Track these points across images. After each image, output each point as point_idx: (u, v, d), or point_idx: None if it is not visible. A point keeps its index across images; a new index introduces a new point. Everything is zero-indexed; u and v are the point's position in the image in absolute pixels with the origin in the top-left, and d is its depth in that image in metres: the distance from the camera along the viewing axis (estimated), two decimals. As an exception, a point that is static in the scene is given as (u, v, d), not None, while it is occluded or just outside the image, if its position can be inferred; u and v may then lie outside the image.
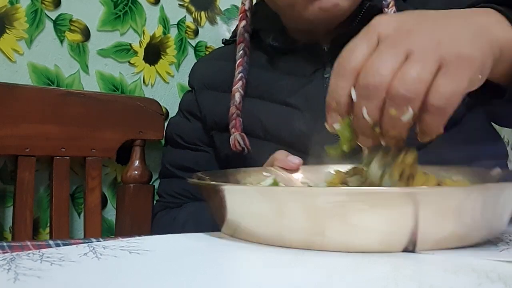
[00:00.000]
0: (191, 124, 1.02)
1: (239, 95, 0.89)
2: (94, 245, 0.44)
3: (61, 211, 1.05)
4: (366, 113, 0.46)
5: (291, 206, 0.44)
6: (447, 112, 0.45)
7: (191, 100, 1.03)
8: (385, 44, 0.47)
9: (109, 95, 1.13)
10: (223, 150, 0.95)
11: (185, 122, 1.03)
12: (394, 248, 0.44)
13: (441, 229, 0.44)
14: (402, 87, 0.44)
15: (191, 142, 1.01)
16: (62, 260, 0.39)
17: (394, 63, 0.45)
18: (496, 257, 0.42)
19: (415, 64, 0.45)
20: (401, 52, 0.46)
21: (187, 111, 1.03)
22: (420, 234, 0.43)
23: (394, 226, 0.43)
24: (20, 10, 1.06)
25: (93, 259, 0.40)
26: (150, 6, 1.22)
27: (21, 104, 1.01)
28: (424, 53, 0.45)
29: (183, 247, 0.46)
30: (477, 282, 0.35)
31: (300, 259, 0.42)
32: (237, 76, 0.91)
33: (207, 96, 0.99)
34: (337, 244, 0.44)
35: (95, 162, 1.09)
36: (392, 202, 0.42)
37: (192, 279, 0.36)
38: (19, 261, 0.38)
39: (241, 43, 0.94)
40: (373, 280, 0.36)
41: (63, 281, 0.35)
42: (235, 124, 0.88)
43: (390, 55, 0.46)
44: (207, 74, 1.02)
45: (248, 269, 0.40)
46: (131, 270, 0.38)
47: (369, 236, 0.44)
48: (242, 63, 0.92)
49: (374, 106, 0.46)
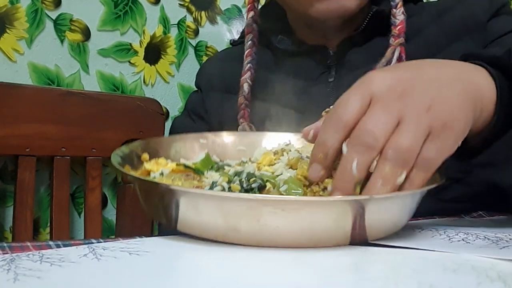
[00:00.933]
0: (195, 125, 1.01)
1: (247, 85, 0.89)
2: (94, 246, 0.44)
3: (61, 211, 1.05)
4: (355, 167, 0.47)
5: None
6: (430, 173, 0.48)
7: (197, 101, 1.02)
8: (379, 106, 0.48)
9: (109, 95, 1.13)
10: None
11: (189, 122, 1.02)
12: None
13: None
14: (396, 155, 0.47)
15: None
16: (62, 261, 0.39)
17: (388, 126, 0.47)
18: (495, 255, 0.42)
19: (407, 134, 0.47)
20: (394, 116, 0.48)
21: (192, 111, 1.02)
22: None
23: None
24: (21, 10, 1.06)
25: (93, 260, 0.40)
26: (150, 6, 1.22)
27: (21, 104, 1.01)
28: (416, 121, 0.47)
29: (183, 248, 0.46)
30: (477, 281, 0.35)
31: (300, 259, 0.42)
32: (245, 66, 0.90)
33: (214, 97, 0.98)
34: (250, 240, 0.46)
35: (96, 162, 1.09)
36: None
37: (192, 280, 0.36)
38: (19, 262, 0.38)
39: (250, 33, 0.93)
40: (373, 279, 0.36)
41: (62, 281, 0.35)
42: (243, 114, 0.88)
43: (384, 117, 0.47)
44: (214, 75, 1.01)
45: (249, 269, 0.40)
46: (130, 271, 0.38)
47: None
48: (251, 53, 0.91)
49: (365, 161, 0.47)
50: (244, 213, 0.45)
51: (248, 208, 0.44)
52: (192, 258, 0.44)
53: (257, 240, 0.45)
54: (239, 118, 0.88)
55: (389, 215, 0.49)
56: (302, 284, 0.35)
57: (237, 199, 0.46)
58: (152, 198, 0.52)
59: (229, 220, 0.45)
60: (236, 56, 0.97)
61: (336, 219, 0.46)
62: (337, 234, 0.46)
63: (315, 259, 0.42)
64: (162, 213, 0.50)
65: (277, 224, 0.44)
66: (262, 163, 0.58)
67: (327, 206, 0.46)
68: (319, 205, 0.46)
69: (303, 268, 0.39)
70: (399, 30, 0.82)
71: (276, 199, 0.46)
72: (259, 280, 0.36)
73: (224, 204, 0.45)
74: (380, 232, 0.49)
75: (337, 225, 0.46)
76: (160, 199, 0.49)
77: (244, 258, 0.43)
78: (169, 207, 0.48)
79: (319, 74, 0.88)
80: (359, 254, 0.43)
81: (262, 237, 0.45)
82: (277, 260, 0.42)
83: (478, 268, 0.38)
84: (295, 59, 0.91)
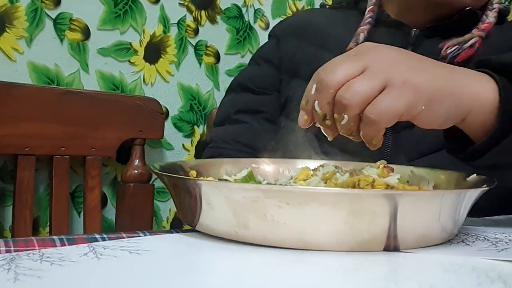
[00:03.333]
0: (262, 69, 1.02)
1: (363, 36, 0.89)
2: (94, 245, 0.44)
3: (61, 210, 1.05)
4: (317, 105, 0.52)
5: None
6: (380, 126, 0.50)
7: (268, 48, 1.04)
8: (351, 56, 0.53)
9: (109, 94, 1.13)
10: (286, 93, 0.96)
11: (257, 68, 1.04)
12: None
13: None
14: (343, 94, 0.50)
15: (259, 86, 1.01)
16: (62, 260, 0.39)
17: (349, 71, 0.51)
18: (495, 256, 0.42)
19: (362, 78, 0.50)
20: (359, 65, 0.51)
21: (261, 58, 1.04)
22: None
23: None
24: (20, 9, 1.06)
25: (93, 259, 0.39)
26: (150, 5, 1.22)
27: (21, 103, 1.01)
28: (377, 71, 0.50)
29: (184, 246, 0.46)
30: (477, 281, 0.35)
31: (300, 259, 0.42)
32: (365, 19, 0.91)
33: (290, 42, 1.00)
34: (260, 238, 0.45)
35: (95, 161, 1.09)
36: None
37: (192, 279, 0.36)
38: (19, 261, 0.38)
39: None
40: (373, 280, 0.36)
41: (63, 281, 0.35)
42: None
43: (350, 64, 0.51)
44: (294, 23, 1.04)
45: (249, 269, 0.40)
46: (131, 270, 0.38)
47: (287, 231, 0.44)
48: (373, 9, 0.93)
49: (322, 100, 0.52)
50: (251, 206, 0.44)
51: (254, 201, 0.44)
52: (192, 257, 0.44)
53: (269, 239, 0.45)
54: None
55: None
56: (302, 284, 0.35)
57: (241, 188, 0.46)
58: (177, 195, 0.52)
59: (238, 215, 0.45)
60: (325, 13, 1.01)
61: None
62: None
63: (316, 259, 0.42)
64: (188, 209, 0.50)
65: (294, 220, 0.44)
66: (298, 178, 0.57)
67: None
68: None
69: (303, 268, 0.39)
70: (485, 26, 0.84)
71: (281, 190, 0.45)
72: (259, 280, 0.36)
73: (230, 194, 0.45)
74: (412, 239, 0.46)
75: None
76: (183, 194, 0.50)
77: (245, 258, 0.43)
78: (189, 201, 0.48)
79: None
80: (360, 255, 0.43)
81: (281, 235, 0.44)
82: (277, 260, 0.42)
83: (479, 268, 0.38)
84: (378, 30, 0.91)
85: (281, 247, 0.44)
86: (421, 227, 0.45)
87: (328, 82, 0.51)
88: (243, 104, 1.00)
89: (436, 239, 0.47)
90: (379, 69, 0.50)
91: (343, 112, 0.50)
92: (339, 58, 0.54)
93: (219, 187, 0.46)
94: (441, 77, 0.53)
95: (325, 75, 0.51)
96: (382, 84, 0.50)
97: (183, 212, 0.52)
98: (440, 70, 0.54)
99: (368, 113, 0.49)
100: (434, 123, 0.53)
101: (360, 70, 0.51)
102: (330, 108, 0.51)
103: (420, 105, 0.50)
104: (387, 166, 0.54)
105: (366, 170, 0.54)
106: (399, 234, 0.44)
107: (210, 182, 0.47)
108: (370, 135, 0.51)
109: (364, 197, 0.43)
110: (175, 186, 0.52)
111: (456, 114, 0.54)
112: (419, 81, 0.50)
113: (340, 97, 0.50)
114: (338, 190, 0.47)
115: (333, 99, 0.51)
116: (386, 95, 0.49)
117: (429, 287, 0.33)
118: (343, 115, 0.50)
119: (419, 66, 0.53)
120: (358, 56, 0.53)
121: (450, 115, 0.54)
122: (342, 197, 0.43)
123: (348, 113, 0.50)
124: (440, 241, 0.48)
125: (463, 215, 0.50)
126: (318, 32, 0.96)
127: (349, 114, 0.50)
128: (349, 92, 0.49)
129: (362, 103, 0.49)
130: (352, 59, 0.52)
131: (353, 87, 0.49)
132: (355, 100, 0.49)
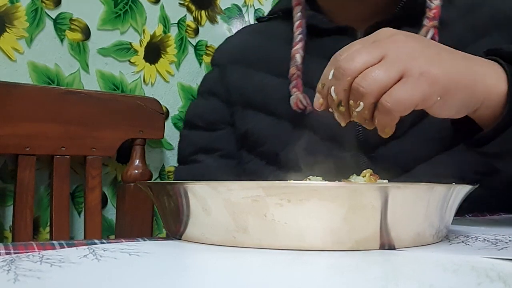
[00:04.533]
0: (211, 104, 0.98)
1: (300, 56, 0.87)
2: (94, 247, 0.44)
3: (61, 210, 1.05)
4: (333, 91, 0.53)
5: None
6: (394, 115, 0.50)
7: (213, 79, 1.00)
8: (371, 44, 0.53)
9: (109, 94, 1.13)
10: (243, 127, 0.92)
11: (204, 102, 1.00)
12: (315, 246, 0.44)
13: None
14: (360, 82, 0.50)
15: (211, 122, 0.98)
16: (62, 261, 0.39)
17: (367, 59, 0.51)
18: (495, 255, 0.42)
19: (380, 67, 0.50)
20: (377, 53, 0.51)
21: (207, 91, 1.00)
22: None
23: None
24: (20, 9, 1.06)
25: (93, 260, 0.40)
26: (150, 5, 1.22)
27: (21, 103, 1.01)
28: (394, 61, 0.51)
29: (184, 249, 0.46)
30: (477, 281, 0.35)
31: (300, 259, 0.42)
32: (296, 38, 0.88)
33: (235, 71, 0.96)
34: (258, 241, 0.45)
35: (95, 161, 1.09)
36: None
37: (193, 280, 0.36)
38: (19, 263, 0.38)
39: (298, 5, 0.91)
40: (373, 280, 0.36)
41: (62, 282, 0.35)
42: (296, 84, 0.85)
43: (368, 52, 0.52)
44: (235, 49, 0.99)
45: (248, 270, 0.40)
46: (131, 272, 0.38)
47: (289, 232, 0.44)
48: (301, 24, 0.89)
49: (339, 86, 0.52)
50: (251, 207, 0.43)
51: (254, 200, 0.43)
52: (192, 259, 0.44)
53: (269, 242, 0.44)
54: (291, 88, 0.85)
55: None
56: (302, 284, 0.35)
57: (241, 188, 0.44)
58: (168, 205, 0.51)
59: (237, 217, 0.44)
60: (262, 30, 0.97)
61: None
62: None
63: (316, 259, 0.42)
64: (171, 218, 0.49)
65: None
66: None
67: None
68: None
69: (303, 268, 0.39)
70: (434, 13, 0.81)
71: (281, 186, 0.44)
72: (259, 280, 0.36)
73: (229, 196, 0.44)
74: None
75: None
76: (173, 202, 0.49)
77: (244, 259, 0.43)
78: (176, 209, 0.48)
79: None
80: (359, 255, 0.43)
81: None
82: (277, 260, 0.42)
83: (478, 268, 0.38)
84: (322, 39, 0.89)
85: (280, 248, 0.44)
86: (415, 222, 0.46)
87: (346, 70, 0.51)
88: (198, 144, 0.98)
89: (431, 235, 0.48)
90: (397, 58, 0.51)
91: (359, 100, 0.51)
92: (357, 44, 0.54)
93: (217, 189, 0.45)
94: (458, 69, 0.53)
95: (344, 63, 0.52)
96: (400, 74, 0.50)
97: (172, 222, 0.51)
98: (457, 62, 0.54)
99: (384, 102, 0.50)
100: (448, 113, 0.54)
101: (378, 58, 0.51)
102: (346, 95, 0.52)
103: (435, 97, 0.51)
104: (373, 174, 0.54)
105: (353, 178, 0.55)
106: (392, 230, 0.44)
107: (208, 185, 0.47)
108: (384, 124, 0.52)
109: (364, 191, 0.43)
110: (167, 194, 0.50)
111: (470, 105, 0.55)
112: (436, 73, 0.51)
113: (357, 84, 0.51)
114: (341, 184, 0.48)
115: (349, 86, 0.51)
116: (403, 84, 0.50)
117: (428, 286, 0.33)
118: (358, 102, 0.51)
119: (436, 58, 0.53)
120: (377, 43, 0.53)
121: (463, 107, 0.55)
122: (344, 191, 0.43)
123: (364, 101, 0.51)
124: (435, 238, 0.48)
125: (452, 211, 0.50)
126: (261, 55, 0.92)
127: (365, 102, 0.51)
128: (367, 81, 0.50)
129: (378, 92, 0.50)
130: (370, 46, 0.53)
131: (370, 76, 0.50)
132: (372, 89, 0.50)
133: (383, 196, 0.43)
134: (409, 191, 0.45)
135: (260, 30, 0.98)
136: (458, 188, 0.48)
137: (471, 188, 0.50)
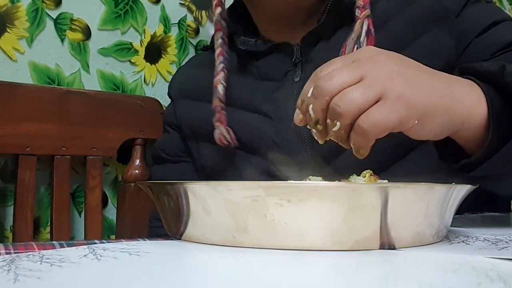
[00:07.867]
0: (170, 136, 0.99)
1: (222, 87, 0.84)
2: (94, 247, 0.44)
3: (61, 210, 1.05)
4: (311, 109, 0.52)
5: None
6: (370, 137, 0.50)
7: (169, 111, 1.00)
8: (351, 61, 0.53)
9: (109, 94, 1.13)
10: (199, 160, 0.92)
11: (165, 135, 1.01)
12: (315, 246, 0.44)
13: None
14: (338, 102, 0.50)
15: (172, 154, 0.98)
16: (62, 261, 0.39)
17: (346, 79, 0.50)
18: (495, 254, 0.42)
19: (358, 88, 0.50)
20: (357, 74, 0.51)
21: (167, 123, 1.01)
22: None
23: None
24: (21, 9, 1.06)
25: (93, 260, 0.40)
26: (151, 5, 1.22)
27: (21, 103, 1.01)
28: (372, 82, 0.50)
29: (184, 249, 0.46)
30: (477, 281, 0.35)
31: (300, 259, 0.42)
32: (218, 67, 0.85)
33: (183, 104, 0.96)
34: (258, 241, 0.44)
35: (96, 161, 1.09)
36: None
37: (193, 279, 0.36)
38: (19, 262, 0.38)
39: (219, 31, 0.87)
40: (373, 280, 0.36)
41: (63, 282, 0.35)
42: (219, 117, 0.83)
43: (348, 72, 0.51)
44: (184, 82, 0.99)
45: (248, 270, 0.40)
46: (130, 272, 0.38)
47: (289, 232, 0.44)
48: (222, 52, 0.86)
49: (317, 105, 0.52)
50: (251, 207, 0.43)
51: (254, 200, 0.43)
52: (192, 259, 0.44)
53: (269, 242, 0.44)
54: (215, 121, 0.83)
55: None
56: (302, 284, 0.35)
57: (241, 188, 0.44)
58: (168, 205, 0.51)
59: (237, 217, 0.44)
60: (206, 62, 0.93)
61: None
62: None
63: (316, 259, 0.42)
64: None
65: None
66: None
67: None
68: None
69: (303, 268, 0.39)
70: (364, 0, 0.78)
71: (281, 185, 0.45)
72: (259, 280, 0.36)
73: (230, 196, 0.44)
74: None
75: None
76: (173, 203, 0.49)
77: (244, 259, 0.43)
78: (177, 209, 0.47)
79: (284, 74, 0.84)
80: (359, 255, 0.43)
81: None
82: (277, 260, 0.42)
83: (478, 268, 0.38)
84: (261, 61, 0.87)
85: (280, 248, 0.44)
86: (415, 222, 0.46)
87: (324, 89, 0.51)
88: (164, 176, 0.97)
89: (431, 235, 0.48)
90: (376, 80, 0.50)
91: (336, 120, 0.50)
92: (337, 62, 0.54)
93: (217, 189, 0.45)
94: (437, 91, 0.53)
95: (322, 82, 0.51)
96: (377, 96, 0.49)
97: (172, 222, 0.51)
98: (436, 84, 0.54)
99: (360, 123, 0.49)
100: (426, 136, 0.53)
101: (357, 79, 0.50)
102: (323, 114, 0.52)
103: (413, 120, 0.50)
104: (373, 174, 0.54)
105: (353, 178, 0.55)
106: (392, 230, 0.44)
107: (208, 185, 0.47)
108: (359, 145, 0.51)
109: (364, 191, 0.43)
110: (167, 194, 0.50)
111: (449, 128, 0.55)
112: (414, 97, 0.50)
113: (334, 104, 0.50)
114: (341, 184, 0.48)
115: (327, 105, 0.51)
116: (380, 107, 0.49)
117: (428, 286, 0.33)
118: (335, 122, 0.50)
119: (416, 79, 0.52)
120: (356, 63, 0.52)
121: (443, 129, 0.54)
122: (344, 191, 0.43)
123: (341, 121, 0.50)
124: (435, 238, 0.49)
125: (452, 211, 0.50)
126: (206, 86, 0.88)
127: (341, 122, 0.50)
128: (344, 101, 0.49)
129: (355, 113, 0.49)
130: (350, 67, 0.52)
131: (348, 96, 0.49)
132: (349, 109, 0.49)
133: (383, 196, 0.43)
134: (409, 191, 0.45)
135: (204, 60, 0.96)
136: (458, 188, 0.48)
137: (471, 188, 0.50)
